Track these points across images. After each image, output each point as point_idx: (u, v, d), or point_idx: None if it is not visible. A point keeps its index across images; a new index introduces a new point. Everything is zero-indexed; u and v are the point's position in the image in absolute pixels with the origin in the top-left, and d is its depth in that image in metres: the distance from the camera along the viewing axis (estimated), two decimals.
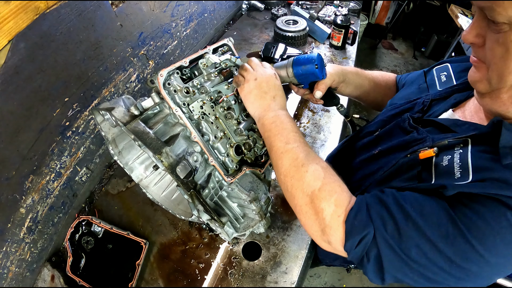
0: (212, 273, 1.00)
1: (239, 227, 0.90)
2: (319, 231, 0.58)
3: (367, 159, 0.76)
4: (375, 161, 0.73)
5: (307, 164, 0.60)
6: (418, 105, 0.73)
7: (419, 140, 0.62)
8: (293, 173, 0.61)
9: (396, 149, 0.67)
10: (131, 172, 0.92)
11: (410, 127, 0.68)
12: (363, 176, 0.74)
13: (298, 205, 0.60)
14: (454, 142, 0.55)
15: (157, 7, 1.36)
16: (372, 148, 0.77)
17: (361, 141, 0.85)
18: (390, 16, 4.10)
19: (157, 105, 0.73)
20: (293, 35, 1.87)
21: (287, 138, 0.65)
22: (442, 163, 0.54)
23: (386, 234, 0.51)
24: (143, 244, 1.03)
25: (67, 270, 1.01)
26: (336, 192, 0.57)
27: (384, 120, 0.81)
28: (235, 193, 0.84)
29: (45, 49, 0.87)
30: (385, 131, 0.76)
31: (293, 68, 0.77)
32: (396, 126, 0.73)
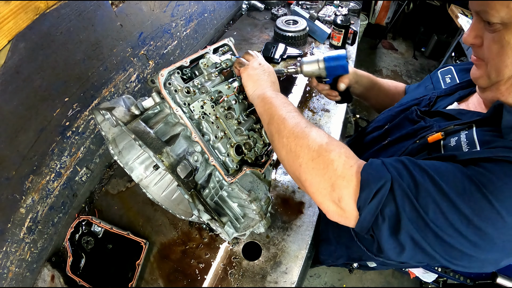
0: (212, 273, 1.00)
1: (239, 227, 0.90)
2: (329, 187, 0.52)
3: (377, 150, 0.80)
4: (385, 151, 0.76)
5: (310, 126, 0.60)
6: (425, 101, 0.78)
7: (426, 127, 0.67)
8: (297, 133, 0.58)
9: (404, 137, 0.71)
10: (131, 172, 0.92)
11: (417, 117, 0.72)
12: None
13: (303, 163, 0.55)
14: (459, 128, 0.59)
15: (157, 7, 1.36)
16: (381, 140, 0.81)
17: (370, 136, 0.89)
18: (390, 16, 4.10)
19: (157, 105, 0.73)
20: (293, 35, 1.87)
21: (288, 109, 0.66)
22: (450, 144, 0.57)
23: (405, 186, 0.47)
24: (143, 244, 1.03)
25: (67, 270, 1.01)
26: (344, 146, 0.55)
27: (392, 115, 0.85)
28: (235, 193, 0.84)
29: (45, 49, 0.87)
30: (393, 124, 0.80)
31: (326, 62, 0.83)
32: (404, 119, 0.77)
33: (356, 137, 1.01)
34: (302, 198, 1.16)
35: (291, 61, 1.83)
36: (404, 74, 3.89)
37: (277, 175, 1.24)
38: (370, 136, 0.89)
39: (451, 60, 3.36)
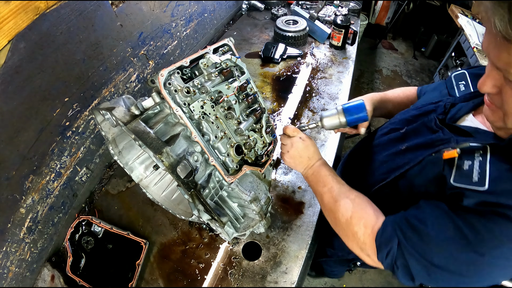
0: (212, 273, 1.00)
1: (239, 227, 0.90)
2: (358, 248, 0.71)
3: (394, 153, 0.83)
4: (402, 156, 0.79)
5: (339, 200, 0.76)
6: (440, 108, 0.79)
7: (444, 140, 0.69)
8: (331, 207, 0.77)
9: (422, 146, 0.74)
10: (131, 172, 0.92)
11: (436, 127, 0.74)
12: (389, 170, 0.80)
13: (338, 231, 0.76)
14: (475, 147, 0.61)
15: (157, 7, 1.36)
16: (399, 143, 0.83)
17: (386, 137, 0.91)
18: (390, 16, 4.10)
19: (157, 105, 0.73)
20: (293, 35, 1.87)
21: (324, 182, 0.83)
22: (463, 166, 0.61)
23: (409, 247, 0.61)
24: (143, 244, 1.03)
25: (67, 270, 1.01)
26: (363, 217, 0.70)
27: (408, 120, 0.87)
28: (235, 193, 0.84)
29: (45, 49, 0.87)
30: (412, 129, 0.83)
31: (346, 117, 0.87)
32: (423, 125, 0.80)
33: (369, 137, 1.02)
34: (302, 198, 1.16)
35: (291, 61, 1.83)
36: (404, 74, 3.89)
37: (277, 175, 1.24)
38: (387, 138, 0.91)
39: (451, 61, 3.36)
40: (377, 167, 0.87)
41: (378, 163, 0.87)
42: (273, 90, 1.64)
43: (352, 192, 0.77)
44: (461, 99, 0.78)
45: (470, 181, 0.58)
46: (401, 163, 0.76)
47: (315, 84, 1.68)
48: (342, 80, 1.70)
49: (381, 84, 3.70)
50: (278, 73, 1.74)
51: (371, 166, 0.90)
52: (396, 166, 0.77)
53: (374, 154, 0.92)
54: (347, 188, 0.79)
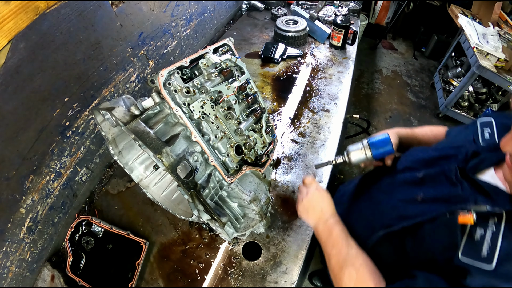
0: (212, 273, 1.00)
1: (239, 227, 0.90)
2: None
3: (408, 201, 0.78)
4: (415, 205, 0.75)
5: (344, 268, 0.75)
6: (462, 154, 0.76)
7: (462, 198, 0.67)
8: (336, 273, 0.77)
9: (439, 200, 0.71)
10: (131, 172, 0.92)
11: (456, 179, 0.71)
12: (398, 217, 0.76)
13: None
14: (491, 211, 0.60)
15: (157, 7, 1.36)
16: (414, 189, 0.79)
17: (401, 176, 0.86)
18: (390, 16, 4.10)
19: (157, 105, 0.73)
20: (293, 35, 1.87)
21: (333, 243, 0.80)
22: (475, 235, 0.60)
23: None
24: (143, 244, 1.03)
25: (67, 270, 1.01)
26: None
27: (427, 161, 0.82)
28: (235, 193, 0.84)
29: (45, 49, 0.87)
30: (429, 175, 0.78)
31: (372, 151, 0.88)
32: (442, 174, 0.75)
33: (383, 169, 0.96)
34: None
35: (291, 61, 1.83)
36: (404, 74, 3.89)
37: (277, 175, 1.24)
38: (402, 177, 0.86)
39: (451, 60, 3.36)
40: (387, 210, 0.82)
41: (389, 207, 0.82)
42: (273, 90, 1.64)
43: (358, 258, 0.74)
44: (485, 149, 0.75)
45: (479, 256, 0.57)
46: (412, 213, 0.73)
47: (315, 84, 1.68)
48: (342, 80, 1.70)
49: (381, 84, 3.70)
50: (278, 73, 1.74)
51: (381, 206, 0.85)
52: (407, 215, 0.73)
53: (386, 193, 0.87)
54: (355, 253, 0.75)
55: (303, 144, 1.36)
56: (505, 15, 3.03)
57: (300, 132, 1.42)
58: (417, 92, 3.63)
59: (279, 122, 1.46)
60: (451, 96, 3.02)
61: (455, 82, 3.19)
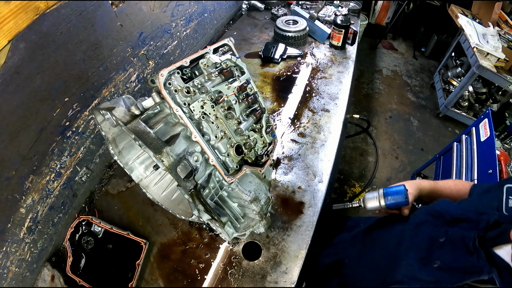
0: (212, 273, 1.00)
1: (239, 227, 0.90)
2: None
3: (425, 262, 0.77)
4: (431, 270, 0.75)
5: None
6: (483, 222, 0.75)
7: (476, 268, 0.67)
8: None
9: (453, 270, 0.71)
10: (131, 172, 0.92)
11: (473, 249, 0.71)
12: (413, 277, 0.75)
13: None
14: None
15: (157, 7, 1.36)
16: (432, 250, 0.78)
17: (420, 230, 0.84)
18: (390, 16, 4.10)
19: (157, 105, 0.73)
20: (293, 35, 1.87)
21: None
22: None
23: None
24: (143, 244, 1.03)
25: (67, 270, 1.01)
26: None
27: (448, 220, 0.82)
28: (235, 193, 0.84)
29: (45, 49, 0.87)
30: (449, 239, 0.77)
31: (386, 201, 0.92)
32: (461, 240, 0.75)
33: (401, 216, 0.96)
34: (302, 198, 1.16)
35: (291, 61, 1.83)
36: (404, 74, 3.89)
37: (277, 175, 1.24)
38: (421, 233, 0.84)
39: (451, 60, 3.36)
40: (402, 265, 0.80)
41: (405, 263, 0.80)
42: (273, 90, 1.64)
43: None
44: (507, 219, 0.74)
45: None
46: (426, 278, 0.73)
47: (315, 84, 1.68)
48: (342, 80, 1.70)
49: (381, 84, 3.70)
50: (278, 73, 1.74)
51: (396, 259, 0.83)
52: (421, 279, 0.74)
53: (402, 246, 0.85)
54: None
55: (303, 144, 1.36)
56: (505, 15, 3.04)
57: (300, 132, 1.42)
58: (417, 92, 3.63)
59: (279, 122, 1.46)
60: (451, 96, 3.02)
61: (455, 82, 3.19)
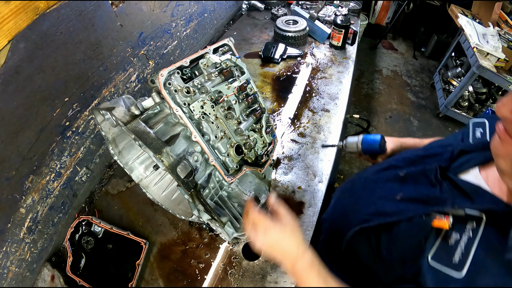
0: (212, 273, 1.00)
1: (239, 227, 0.90)
2: None
3: (387, 198, 0.76)
4: (393, 203, 0.73)
5: None
6: (447, 153, 0.73)
7: (440, 200, 0.64)
8: None
9: (417, 201, 0.69)
10: (131, 172, 0.92)
11: (435, 180, 0.68)
12: (376, 212, 0.74)
13: None
14: (469, 215, 0.56)
15: (157, 7, 1.36)
16: (395, 187, 0.77)
17: (385, 174, 0.84)
18: (390, 16, 4.10)
19: (157, 105, 0.73)
20: (293, 35, 1.87)
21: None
22: (449, 240, 0.56)
23: None
24: (143, 244, 1.03)
25: (67, 270, 1.01)
26: None
27: (412, 160, 0.80)
28: (235, 193, 0.84)
29: (45, 49, 0.87)
30: (411, 174, 0.76)
31: (362, 145, 1.03)
32: (422, 173, 0.73)
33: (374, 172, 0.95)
34: (302, 198, 1.16)
35: (291, 61, 1.83)
36: (404, 74, 3.89)
37: (277, 175, 1.24)
38: (385, 176, 0.83)
39: (451, 60, 3.36)
40: (365, 206, 0.79)
41: (368, 203, 0.79)
42: (273, 90, 1.64)
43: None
44: (472, 148, 0.70)
45: (449, 262, 0.53)
46: (390, 211, 0.71)
47: (315, 84, 1.68)
48: (342, 80, 1.70)
49: (381, 84, 3.70)
50: (278, 73, 1.74)
51: (361, 202, 0.82)
52: (384, 212, 0.71)
53: (368, 190, 0.85)
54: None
55: (303, 144, 1.36)
56: (505, 15, 3.03)
57: (300, 132, 1.42)
58: (417, 92, 3.63)
59: (279, 122, 1.46)
60: (451, 96, 3.02)
61: (455, 82, 3.19)
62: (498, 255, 0.50)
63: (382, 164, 0.90)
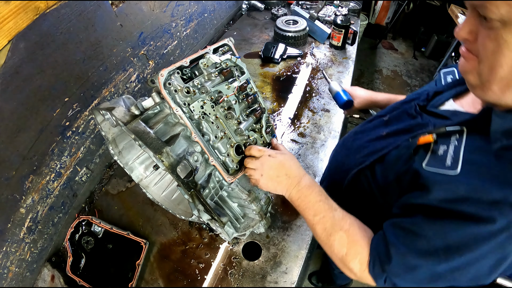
0: (212, 273, 1.00)
1: (239, 227, 0.90)
2: (357, 278, 0.71)
3: (375, 139, 0.84)
4: (382, 141, 0.80)
5: (333, 234, 0.71)
6: (423, 95, 0.82)
7: (422, 125, 0.71)
8: (325, 241, 0.73)
9: (401, 132, 0.76)
10: (131, 172, 0.92)
11: (415, 113, 0.76)
12: (368, 153, 0.81)
13: (336, 262, 0.72)
14: (451, 130, 0.62)
15: (157, 7, 1.36)
16: (381, 129, 0.85)
17: (371, 123, 0.93)
18: (390, 16, 4.10)
19: (157, 105, 0.73)
20: (293, 35, 1.87)
21: (314, 210, 0.75)
22: (438, 151, 0.61)
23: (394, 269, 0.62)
24: (143, 244, 1.03)
25: (67, 270, 1.01)
26: (358, 253, 0.68)
27: (394, 107, 0.90)
28: (235, 193, 0.84)
29: (45, 49, 0.87)
30: (393, 116, 0.85)
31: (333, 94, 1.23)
32: (403, 112, 0.82)
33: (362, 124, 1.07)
34: None
35: (291, 61, 1.83)
36: (404, 74, 3.89)
37: None
38: (372, 124, 0.93)
39: (451, 60, 3.36)
40: (358, 151, 0.86)
41: (360, 148, 0.87)
42: (273, 90, 1.64)
43: (345, 220, 0.73)
44: (445, 88, 0.79)
45: (443, 165, 0.58)
46: (380, 147, 0.78)
47: (315, 84, 1.68)
48: (342, 80, 1.70)
49: (381, 84, 3.70)
50: (278, 73, 1.74)
51: (352, 151, 0.90)
52: (375, 150, 0.79)
53: (357, 140, 0.93)
54: (341, 215, 0.73)
55: (303, 144, 1.36)
56: None
57: (300, 132, 1.42)
58: None
59: (279, 122, 1.46)
60: None
61: None
62: (486, 150, 0.56)
63: (368, 118, 1.01)
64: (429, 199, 0.58)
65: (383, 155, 0.74)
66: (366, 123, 0.96)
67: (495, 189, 0.51)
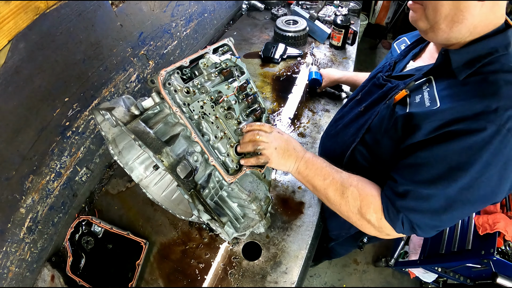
0: (212, 273, 1.00)
1: (239, 227, 0.90)
2: (377, 232, 0.76)
3: (355, 116, 0.90)
4: (362, 116, 0.87)
5: (345, 191, 0.76)
6: (386, 67, 0.91)
7: (393, 88, 0.78)
8: (339, 201, 0.77)
9: (376, 101, 0.83)
10: (131, 172, 0.92)
11: (383, 81, 0.84)
12: (355, 131, 0.87)
13: (355, 221, 0.77)
14: (421, 82, 0.70)
15: (157, 7, 1.36)
16: (357, 108, 0.91)
17: (347, 106, 1.01)
18: (390, 16, 4.10)
19: (157, 105, 0.73)
20: (293, 35, 1.87)
21: (323, 174, 0.80)
22: (415, 101, 0.69)
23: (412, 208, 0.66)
24: (143, 244, 1.03)
25: (67, 270, 1.01)
26: (371, 203, 0.73)
27: (363, 85, 0.98)
28: (235, 193, 0.84)
29: (45, 49, 0.87)
30: (364, 92, 0.93)
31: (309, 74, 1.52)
32: (373, 86, 0.89)
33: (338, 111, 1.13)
34: (302, 198, 1.16)
35: (291, 61, 1.83)
36: None
37: (277, 175, 1.24)
38: (348, 107, 1.00)
39: None
40: (345, 133, 0.92)
41: (345, 130, 0.93)
42: (273, 90, 1.64)
43: (353, 177, 0.78)
44: (401, 55, 0.89)
45: (424, 107, 0.65)
46: (362, 121, 0.84)
47: None
48: None
49: None
50: (278, 73, 1.74)
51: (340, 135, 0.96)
52: (359, 126, 0.85)
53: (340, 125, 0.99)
54: (347, 175, 0.79)
55: (303, 144, 1.36)
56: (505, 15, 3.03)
57: (300, 132, 1.42)
58: None
59: (279, 122, 1.46)
60: None
61: None
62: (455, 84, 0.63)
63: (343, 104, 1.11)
64: (422, 133, 0.63)
65: (368, 126, 0.80)
66: (342, 109, 1.04)
67: (475, 103, 0.57)
